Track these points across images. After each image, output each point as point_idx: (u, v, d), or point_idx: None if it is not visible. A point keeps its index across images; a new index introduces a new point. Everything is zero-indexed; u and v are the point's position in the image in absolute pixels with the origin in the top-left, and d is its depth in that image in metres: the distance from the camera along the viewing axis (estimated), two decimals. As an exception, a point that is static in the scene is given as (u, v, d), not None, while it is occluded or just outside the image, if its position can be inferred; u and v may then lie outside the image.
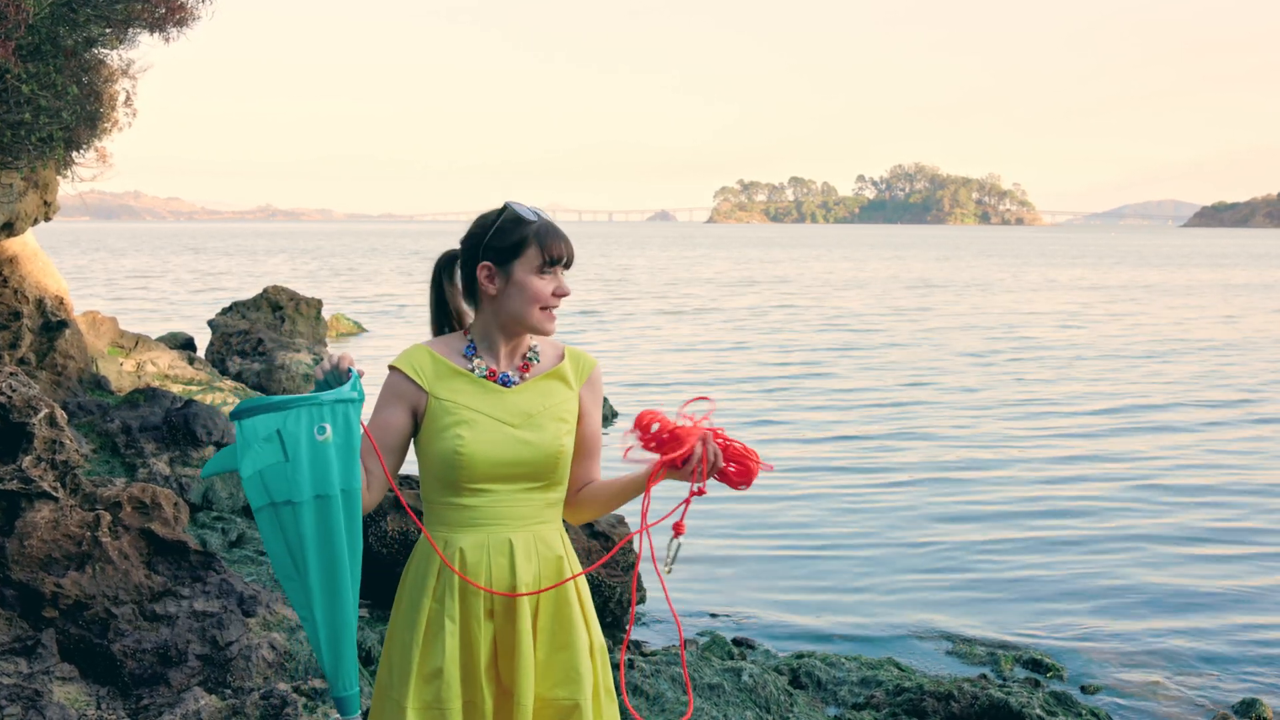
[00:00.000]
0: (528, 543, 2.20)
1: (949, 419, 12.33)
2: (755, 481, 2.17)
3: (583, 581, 2.30)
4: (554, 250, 2.18)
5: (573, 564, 2.28)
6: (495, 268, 2.20)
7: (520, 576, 2.17)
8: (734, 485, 2.12)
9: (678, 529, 2.10)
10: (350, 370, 2.07)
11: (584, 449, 2.31)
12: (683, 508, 2.10)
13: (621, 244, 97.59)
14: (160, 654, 3.80)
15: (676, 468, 2.08)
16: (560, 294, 2.20)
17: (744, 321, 24.53)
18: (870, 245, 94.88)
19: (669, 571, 2.12)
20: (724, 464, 2.10)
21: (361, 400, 2.06)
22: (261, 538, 2.03)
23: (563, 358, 2.29)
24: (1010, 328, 22.86)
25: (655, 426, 2.10)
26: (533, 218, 2.20)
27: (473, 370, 2.21)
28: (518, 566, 2.17)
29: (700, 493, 2.08)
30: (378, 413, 2.21)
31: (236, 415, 1.99)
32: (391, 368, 2.23)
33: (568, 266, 2.22)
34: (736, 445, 2.11)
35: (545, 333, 2.21)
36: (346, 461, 2.01)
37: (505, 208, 2.22)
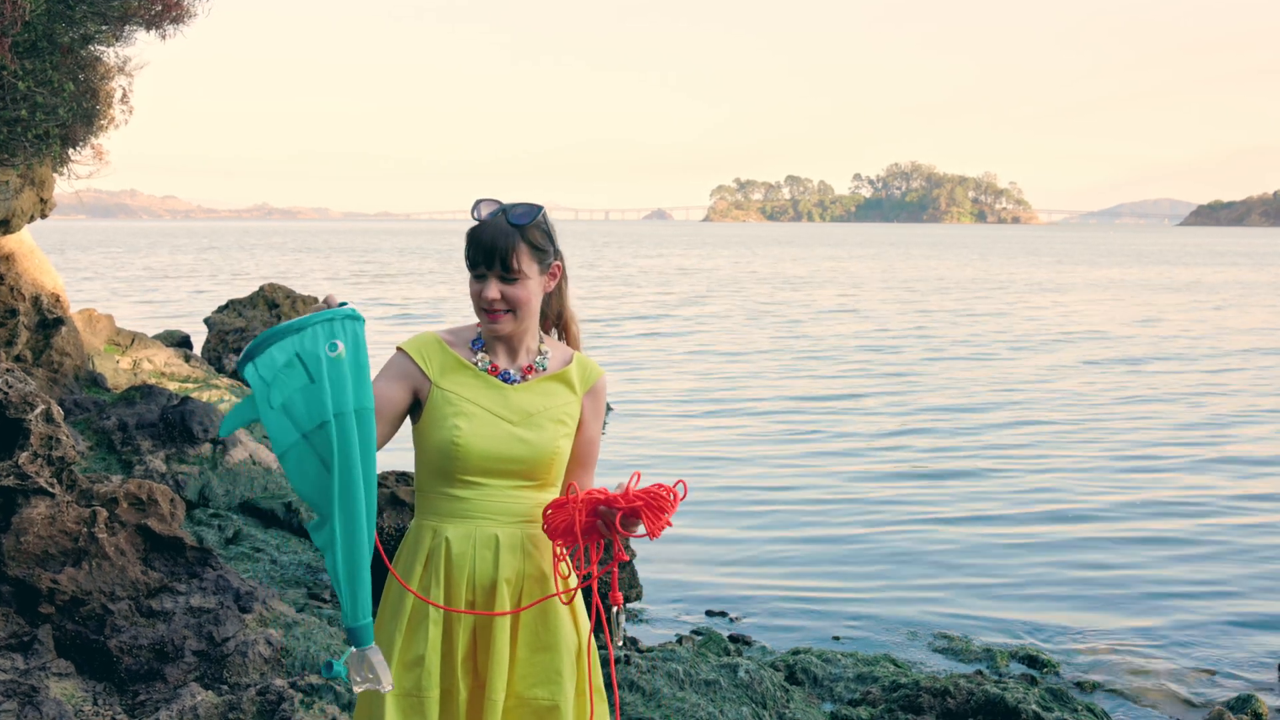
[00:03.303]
0: (514, 539, 2.20)
1: (950, 418, 12.34)
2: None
3: (573, 581, 2.30)
4: (469, 257, 2.18)
5: (558, 571, 2.27)
6: None
7: (503, 572, 2.18)
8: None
9: (615, 600, 2.13)
10: (343, 304, 2.00)
11: (579, 457, 2.32)
12: (613, 574, 2.14)
13: (644, 244, 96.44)
14: (156, 650, 3.80)
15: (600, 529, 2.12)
16: (487, 299, 2.15)
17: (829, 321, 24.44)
18: (886, 244, 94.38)
19: (618, 644, 2.18)
20: (618, 526, 2.08)
21: (363, 321, 2.00)
22: (292, 482, 1.92)
23: (570, 362, 2.30)
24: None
25: (551, 522, 2.16)
26: (475, 217, 2.19)
27: (477, 364, 2.23)
28: (501, 562, 2.18)
29: (622, 558, 2.12)
30: (375, 382, 2.18)
31: (248, 356, 1.91)
32: (400, 349, 2.23)
33: (491, 269, 2.14)
34: (622, 504, 2.06)
35: (489, 332, 2.20)
36: (359, 380, 1.94)
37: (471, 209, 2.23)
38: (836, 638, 5.85)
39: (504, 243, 2.14)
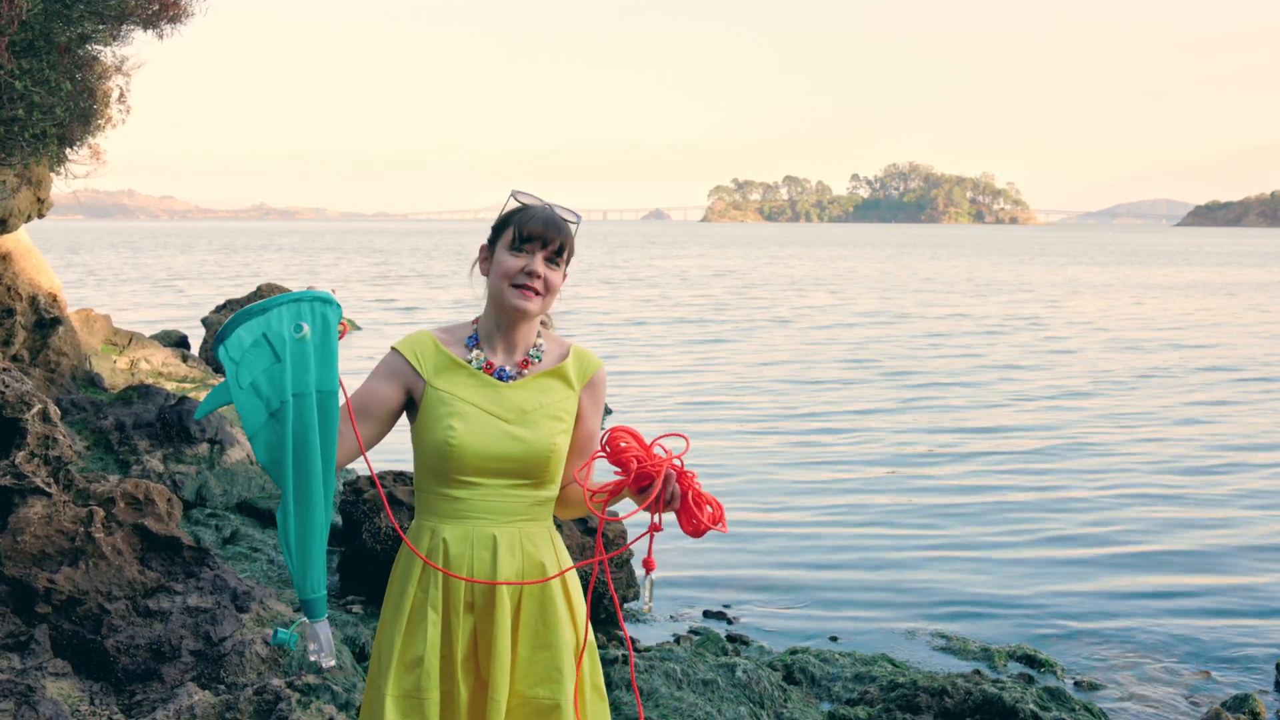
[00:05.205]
0: (512, 539, 2.19)
1: (955, 413, 12.35)
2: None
3: (573, 579, 2.29)
4: (526, 228, 2.19)
5: (562, 563, 2.26)
6: (486, 249, 2.27)
7: (501, 571, 2.16)
8: (683, 528, 2.09)
9: (648, 565, 2.09)
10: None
11: (578, 450, 2.30)
12: (646, 541, 2.08)
13: (656, 244, 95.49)
14: (153, 650, 3.80)
15: (634, 494, 2.08)
16: (530, 272, 2.18)
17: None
18: (896, 245, 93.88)
19: (648, 610, 2.14)
20: (678, 506, 2.06)
21: (339, 308, 2.05)
22: (263, 463, 1.98)
23: (566, 356, 2.28)
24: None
25: (624, 444, 2.11)
26: (524, 202, 2.24)
27: (471, 361, 2.22)
28: (499, 561, 2.17)
29: (657, 529, 2.06)
30: (368, 381, 2.22)
31: (220, 339, 1.98)
32: (394, 349, 2.24)
33: (544, 248, 2.19)
34: (694, 492, 2.06)
35: (515, 309, 2.19)
36: (323, 362, 1.99)
37: (510, 196, 2.26)
38: (834, 637, 5.85)
39: (561, 228, 2.21)
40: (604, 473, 2.18)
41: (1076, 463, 9.95)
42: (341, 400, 2.06)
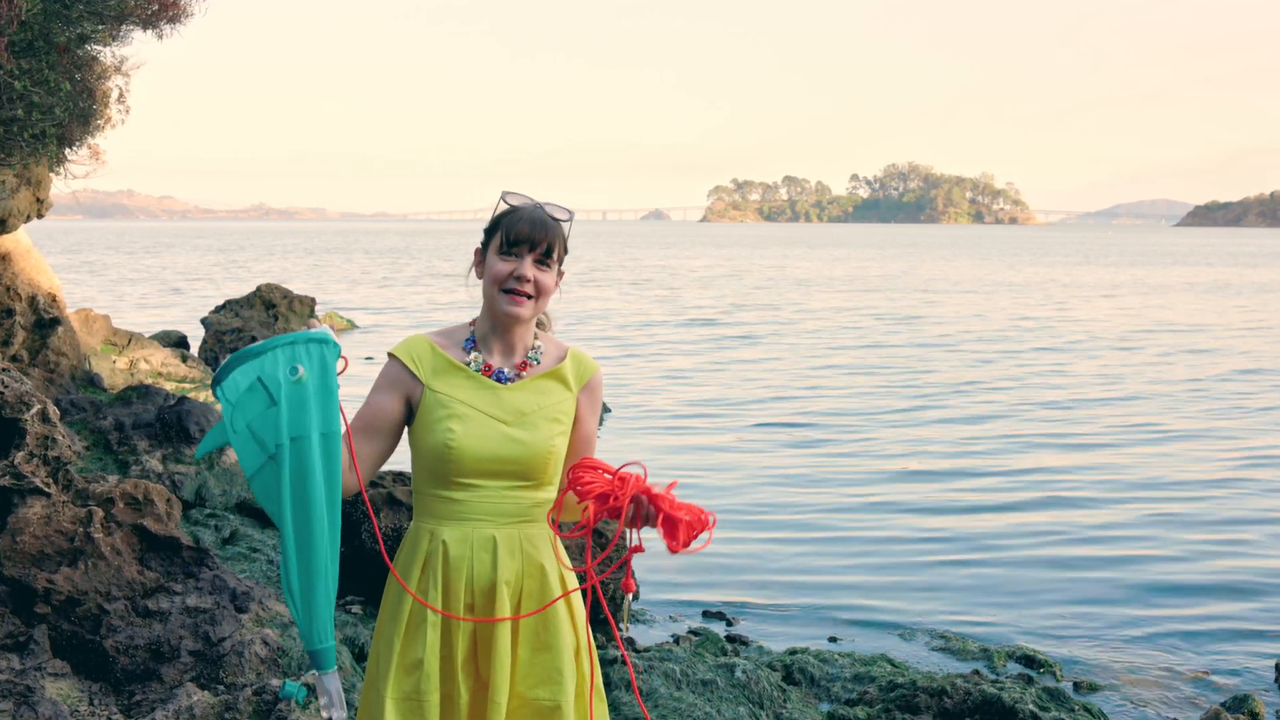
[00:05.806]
0: (512, 540, 2.19)
1: (961, 415, 12.35)
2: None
3: (572, 580, 2.29)
4: (514, 232, 2.18)
5: (561, 564, 2.26)
6: (479, 253, 2.27)
7: (501, 573, 2.16)
8: (669, 549, 2.06)
9: (627, 587, 2.08)
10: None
11: (576, 452, 2.30)
12: (626, 564, 2.06)
13: (660, 245, 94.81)
14: (153, 650, 3.80)
15: (610, 520, 2.06)
16: (520, 277, 2.17)
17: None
18: (899, 245, 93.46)
19: (625, 631, 2.13)
20: (655, 525, 2.03)
21: (338, 347, 2.02)
22: (263, 505, 1.95)
23: (564, 358, 2.28)
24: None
25: (586, 480, 2.08)
26: (512, 203, 2.23)
27: (469, 364, 2.22)
28: (500, 563, 2.17)
29: (638, 549, 2.04)
30: (371, 395, 2.22)
31: (217, 380, 1.96)
32: (391, 355, 2.23)
33: (533, 251, 2.18)
34: (665, 515, 2.01)
35: (507, 315, 2.19)
36: (323, 404, 1.97)
37: (500, 197, 2.25)
38: (833, 638, 5.85)
39: (549, 229, 2.19)
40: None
41: (1080, 471, 9.95)
42: (342, 429, 2.04)
